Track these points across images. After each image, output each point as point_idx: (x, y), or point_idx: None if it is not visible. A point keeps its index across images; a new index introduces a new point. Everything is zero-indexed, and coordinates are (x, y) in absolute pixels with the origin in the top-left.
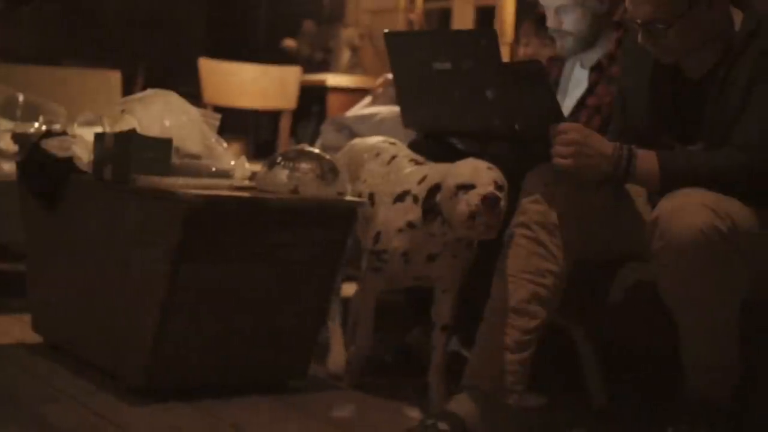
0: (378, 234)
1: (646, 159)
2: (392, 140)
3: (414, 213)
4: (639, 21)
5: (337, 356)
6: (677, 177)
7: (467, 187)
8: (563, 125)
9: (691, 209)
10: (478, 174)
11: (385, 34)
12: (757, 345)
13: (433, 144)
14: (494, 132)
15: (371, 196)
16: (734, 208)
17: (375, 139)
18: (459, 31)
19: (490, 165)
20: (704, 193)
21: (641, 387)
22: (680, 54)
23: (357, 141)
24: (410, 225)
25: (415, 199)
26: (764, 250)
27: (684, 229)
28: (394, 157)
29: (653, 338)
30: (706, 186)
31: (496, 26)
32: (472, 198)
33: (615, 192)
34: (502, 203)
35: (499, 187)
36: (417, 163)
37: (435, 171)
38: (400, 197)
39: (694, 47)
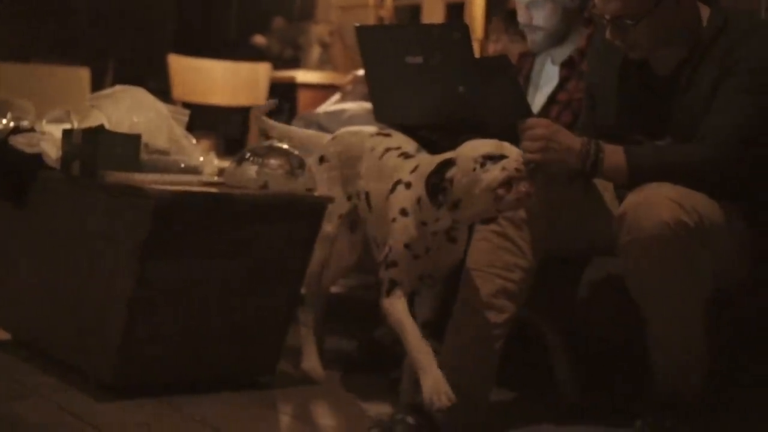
0: (384, 239)
1: (614, 154)
2: (387, 131)
3: (406, 200)
4: (607, 16)
5: (311, 360)
6: (644, 172)
7: (497, 158)
8: (531, 120)
9: (658, 204)
10: (503, 147)
11: (357, 28)
12: (723, 339)
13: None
14: (465, 126)
15: (367, 196)
16: (701, 202)
17: (369, 130)
18: (431, 25)
19: (508, 144)
20: (671, 187)
21: (610, 381)
22: (648, 49)
23: (349, 133)
24: (402, 212)
25: (408, 185)
26: (730, 244)
27: (651, 224)
28: (387, 151)
29: (621, 332)
30: (673, 181)
31: (466, 22)
32: (510, 163)
33: (583, 187)
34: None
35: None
36: (407, 156)
37: (428, 159)
38: (392, 190)
39: (662, 43)
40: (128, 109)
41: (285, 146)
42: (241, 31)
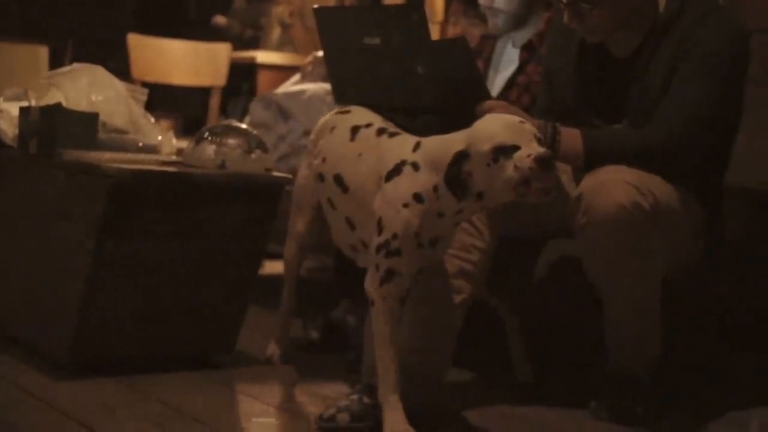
0: (380, 221)
1: (571, 136)
2: (345, 108)
3: (419, 184)
4: (564, 0)
5: (275, 346)
6: (601, 154)
7: (508, 150)
8: (489, 102)
9: (614, 186)
10: (514, 131)
11: (315, 9)
12: (677, 320)
13: None
14: (423, 107)
15: (338, 178)
16: (656, 185)
17: (332, 112)
18: (388, 7)
19: (519, 118)
20: (627, 170)
21: (566, 362)
22: (606, 33)
23: (321, 119)
24: (417, 198)
25: (415, 166)
26: (685, 227)
27: (607, 206)
28: (355, 129)
29: (577, 313)
30: (629, 164)
31: (426, 6)
32: (523, 161)
33: None
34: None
35: (539, 140)
36: (390, 134)
37: (432, 139)
38: (394, 171)
39: (620, 26)
40: (86, 88)
41: (244, 126)
42: (202, 11)
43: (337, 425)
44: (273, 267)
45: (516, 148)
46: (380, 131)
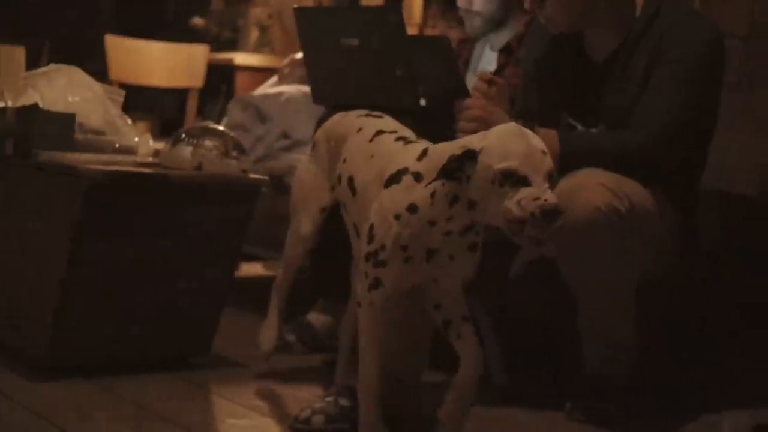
0: (371, 228)
1: (547, 138)
2: (378, 113)
3: (417, 194)
4: None
5: (267, 337)
6: (576, 157)
7: (517, 180)
8: (467, 101)
9: (590, 189)
10: (532, 162)
11: (295, 9)
12: (652, 323)
13: None
14: (401, 107)
15: (350, 180)
16: (632, 188)
17: (359, 112)
18: (366, 8)
19: (542, 145)
20: (603, 173)
21: (541, 363)
22: (565, 25)
23: (339, 115)
24: (412, 209)
25: (417, 176)
26: (661, 231)
27: (583, 209)
28: (378, 134)
29: (553, 314)
30: (605, 167)
31: (404, 8)
32: (528, 203)
33: None
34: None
35: (550, 177)
36: (406, 141)
37: (441, 146)
38: (394, 178)
39: (582, 21)
40: (63, 89)
41: (221, 127)
42: (179, 12)
43: (312, 427)
44: (249, 269)
45: (526, 182)
46: (400, 138)
